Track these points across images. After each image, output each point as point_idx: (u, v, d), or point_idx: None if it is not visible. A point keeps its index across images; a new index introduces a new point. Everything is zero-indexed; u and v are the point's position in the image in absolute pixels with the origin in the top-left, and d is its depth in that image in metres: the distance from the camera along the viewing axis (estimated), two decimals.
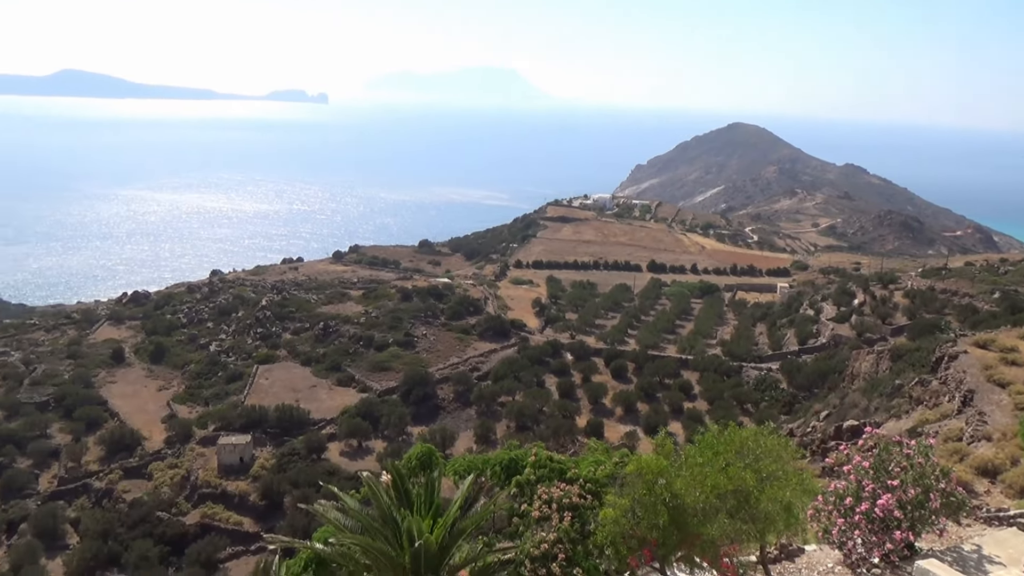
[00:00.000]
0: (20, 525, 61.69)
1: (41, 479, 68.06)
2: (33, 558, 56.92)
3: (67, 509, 63.41)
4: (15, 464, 68.92)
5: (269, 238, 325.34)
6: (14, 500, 64.76)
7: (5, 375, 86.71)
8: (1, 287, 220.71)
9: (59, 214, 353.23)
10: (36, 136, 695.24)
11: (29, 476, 67.75)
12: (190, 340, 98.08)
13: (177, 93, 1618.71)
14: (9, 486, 65.99)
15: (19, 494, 65.63)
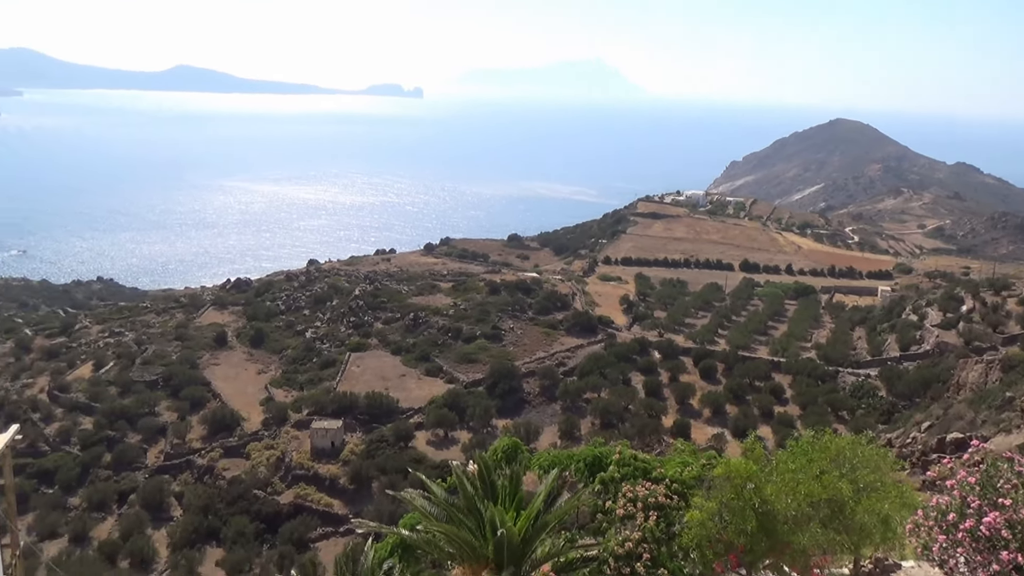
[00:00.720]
0: (130, 496, 65.61)
1: (149, 454, 72.08)
2: (141, 528, 60.46)
3: (172, 483, 67.00)
4: (126, 439, 73.27)
5: (363, 229, 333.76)
6: (125, 472, 68.92)
7: (119, 354, 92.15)
8: (117, 271, 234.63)
9: (170, 203, 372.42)
10: (151, 129, 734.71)
11: (139, 450, 71.88)
12: (287, 326, 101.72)
13: (282, 88, 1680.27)
14: (121, 459, 70.23)
15: (129, 467, 69.80)
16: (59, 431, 75.13)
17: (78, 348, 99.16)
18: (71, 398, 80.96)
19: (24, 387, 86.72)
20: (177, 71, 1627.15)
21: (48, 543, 60.04)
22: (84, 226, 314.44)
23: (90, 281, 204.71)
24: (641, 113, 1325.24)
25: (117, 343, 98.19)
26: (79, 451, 71.63)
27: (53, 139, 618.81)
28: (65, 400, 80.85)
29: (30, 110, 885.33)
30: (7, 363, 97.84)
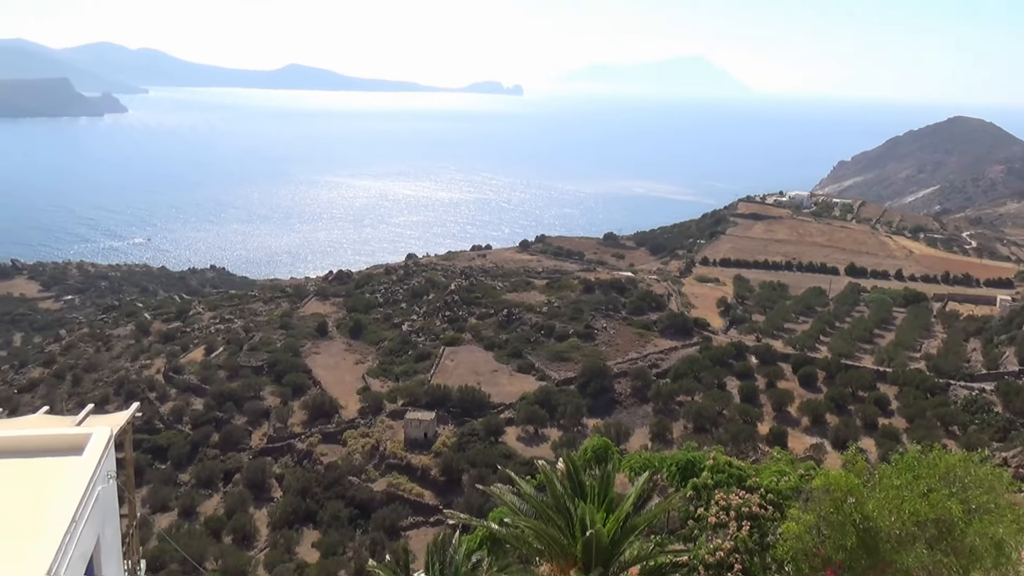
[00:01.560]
0: (235, 475, 68.93)
1: (253, 436, 75.43)
2: (244, 506, 63.47)
3: (273, 465, 69.96)
4: (233, 420, 76.93)
5: (460, 225, 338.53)
6: (231, 452, 72.42)
7: (229, 340, 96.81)
8: (229, 261, 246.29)
9: (278, 197, 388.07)
10: (262, 125, 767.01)
11: (244, 432, 75.35)
12: (385, 319, 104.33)
13: (385, 86, 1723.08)
14: (227, 439, 73.81)
15: (235, 447, 73.28)
16: (172, 410, 79.63)
17: (191, 333, 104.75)
18: (184, 380, 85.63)
19: (142, 367, 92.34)
20: (288, 70, 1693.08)
21: (160, 515, 63.85)
22: (200, 217, 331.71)
23: (204, 269, 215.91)
24: (743, 111, 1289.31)
25: (227, 329, 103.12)
26: (190, 430, 75.74)
27: (173, 134, 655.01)
28: (179, 381, 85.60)
29: (154, 106, 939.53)
30: (128, 345, 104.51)
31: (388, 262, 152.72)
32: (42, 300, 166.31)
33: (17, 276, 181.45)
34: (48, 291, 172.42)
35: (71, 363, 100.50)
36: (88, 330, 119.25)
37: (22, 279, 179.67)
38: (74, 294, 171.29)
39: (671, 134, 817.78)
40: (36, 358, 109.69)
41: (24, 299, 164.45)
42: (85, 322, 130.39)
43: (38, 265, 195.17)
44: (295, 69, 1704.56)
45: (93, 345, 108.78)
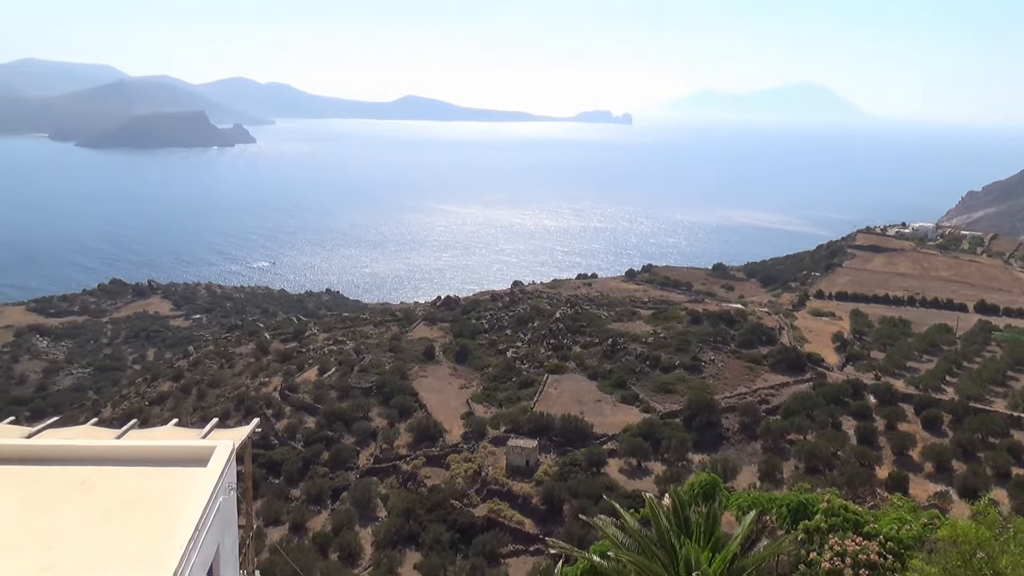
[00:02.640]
0: (342, 493, 70.90)
1: (361, 455, 77.45)
2: (350, 524, 65.11)
3: (379, 485, 71.49)
4: (342, 439, 79.32)
5: (566, 253, 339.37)
6: (339, 471, 74.59)
7: (341, 361, 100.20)
8: (343, 285, 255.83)
9: (391, 223, 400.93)
10: (379, 154, 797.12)
11: (352, 451, 77.49)
12: (490, 345, 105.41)
13: (497, 116, 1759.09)
14: (336, 458, 76.11)
15: (343, 466, 75.43)
16: (287, 427, 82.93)
17: (307, 353, 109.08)
18: (298, 398, 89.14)
19: (261, 385, 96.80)
20: (405, 101, 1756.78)
21: (272, 528, 66.35)
22: (317, 242, 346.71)
23: (320, 292, 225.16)
24: (861, 138, 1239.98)
25: (339, 351, 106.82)
26: (302, 447, 78.57)
27: (295, 163, 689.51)
28: (293, 399, 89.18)
29: (279, 137, 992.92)
30: (248, 362, 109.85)
31: (494, 289, 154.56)
32: (173, 318, 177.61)
33: (152, 295, 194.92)
34: (179, 310, 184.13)
35: (197, 378, 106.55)
36: (213, 348, 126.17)
37: (157, 298, 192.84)
38: (202, 313, 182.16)
39: (783, 162, 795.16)
40: (166, 372, 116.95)
41: (158, 316, 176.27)
42: (211, 340, 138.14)
43: (171, 285, 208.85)
44: (411, 100, 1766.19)
45: (217, 362, 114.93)
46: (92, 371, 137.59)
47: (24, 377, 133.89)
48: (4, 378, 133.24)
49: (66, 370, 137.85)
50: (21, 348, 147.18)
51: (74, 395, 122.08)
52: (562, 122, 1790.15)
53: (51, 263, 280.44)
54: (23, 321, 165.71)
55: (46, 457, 13.45)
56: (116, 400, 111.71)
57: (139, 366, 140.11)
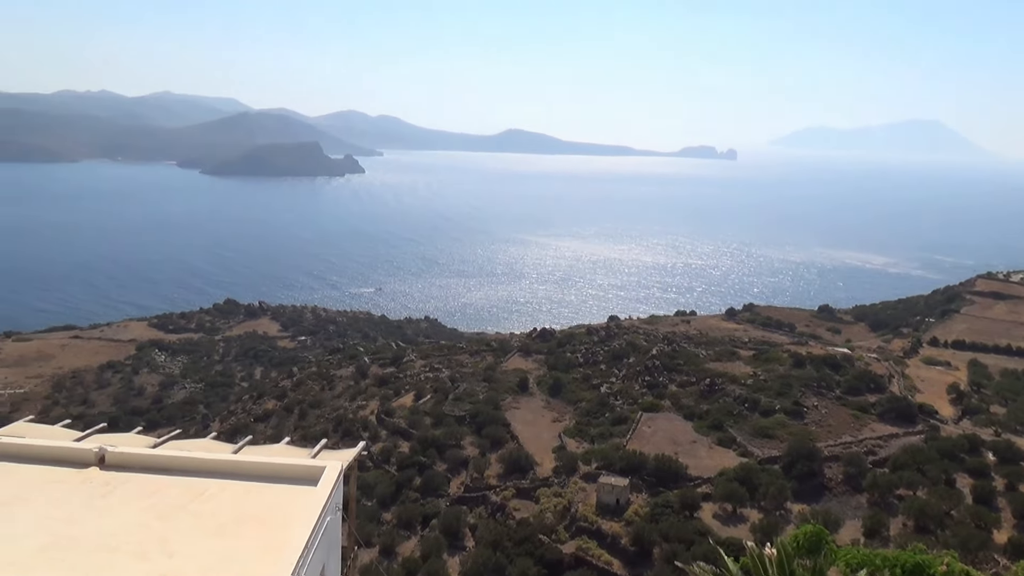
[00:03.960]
0: (432, 520, 71.57)
1: (452, 483, 78.12)
2: (438, 551, 65.55)
3: (468, 515, 71.80)
4: (434, 466, 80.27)
5: (664, 289, 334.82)
6: (430, 497, 75.42)
7: (436, 388, 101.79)
8: (441, 313, 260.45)
9: (490, 253, 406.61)
10: (481, 186, 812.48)
11: (443, 479, 78.27)
12: (584, 379, 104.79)
13: (599, 150, 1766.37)
14: (428, 484, 77.03)
15: (435, 493, 76.24)
16: (382, 451, 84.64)
17: (404, 379, 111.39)
18: (394, 422, 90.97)
19: (359, 408, 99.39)
20: (508, 135, 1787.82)
21: (362, 550, 67.58)
22: (418, 271, 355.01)
23: (419, 320, 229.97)
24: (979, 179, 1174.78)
25: (435, 378, 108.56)
26: (396, 471, 79.96)
27: (400, 193, 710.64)
28: (389, 424, 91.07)
29: (387, 168, 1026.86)
30: (348, 385, 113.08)
31: (590, 322, 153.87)
32: (280, 339, 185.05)
33: (262, 316, 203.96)
34: (286, 331, 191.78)
35: (299, 398, 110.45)
36: (316, 369, 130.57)
37: (266, 319, 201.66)
38: (307, 335, 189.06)
39: (894, 202, 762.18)
40: (271, 391, 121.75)
41: (266, 337, 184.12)
42: (314, 362, 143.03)
43: (280, 307, 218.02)
44: (514, 134, 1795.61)
45: (319, 383, 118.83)
46: (203, 386, 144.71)
47: (142, 389, 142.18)
48: (125, 389, 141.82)
49: (180, 384, 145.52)
50: (142, 361, 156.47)
51: (186, 408, 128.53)
52: (664, 157, 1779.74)
53: (167, 282, 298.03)
54: (145, 336, 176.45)
55: (169, 467, 14.33)
56: (224, 415, 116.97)
57: (246, 383, 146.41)
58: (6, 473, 14.71)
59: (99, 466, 14.78)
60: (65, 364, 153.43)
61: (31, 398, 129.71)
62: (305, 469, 12.66)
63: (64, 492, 13.81)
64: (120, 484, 13.92)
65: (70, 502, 13.37)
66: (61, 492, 13.82)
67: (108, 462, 14.76)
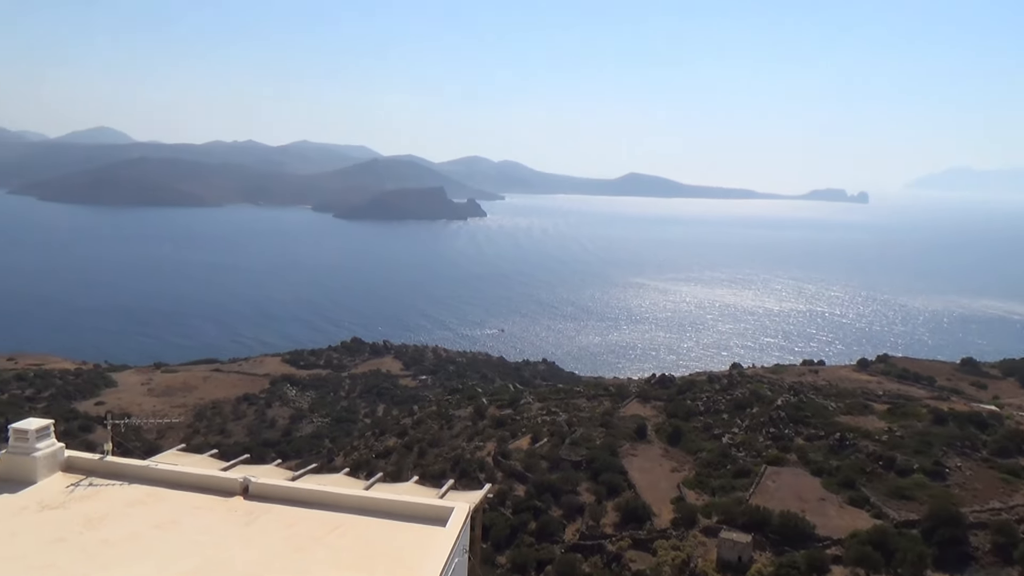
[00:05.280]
0: (546, 567, 71.04)
1: (567, 530, 77.38)
2: None
3: (583, 563, 70.77)
4: (550, 511, 79.85)
5: (789, 337, 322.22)
6: (545, 543, 74.94)
7: (552, 432, 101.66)
8: (558, 355, 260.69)
9: (606, 298, 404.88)
10: (599, 230, 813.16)
11: (558, 524, 77.67)
12: (705, 428, 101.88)
13: (721, 193, 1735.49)
14: (543, 529, 76.65)
15: (549, 538, 75.73)
16: (497, 493, 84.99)
17: (520, 421, 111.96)
18: (510, 465, 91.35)
19: (476, 448, 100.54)
20: (628, 178, 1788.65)
21: None
22: (536, 313, 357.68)
23: (536, 362, 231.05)
24: None
25: (552, 421, 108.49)
26: (511, 514, 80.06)
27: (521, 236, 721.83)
28: (505, 466, 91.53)
29: (508, 211, 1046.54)
30: (466, 425, 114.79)
31: (711, 370, 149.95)
32: (402, 377, 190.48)
33: (386, 355, 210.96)
34: (408, 370, 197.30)
35: (419, 437, 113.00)
36: (435, 408, 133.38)
37: (389, 357, 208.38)
38: (428, 375, 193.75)
39: None
40: (392, 428, 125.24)
41: (389, 375, 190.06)
42: (433, 401, 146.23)
43: (403, 346, 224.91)
44: (634, 178, 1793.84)
45: (438, 422, 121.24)
46: (330, 421, 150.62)
47: (274, 421, 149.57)
48: (258, 420, 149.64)
49: (308, 418, 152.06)
50: (274, 395, 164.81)
51: (313, 442, 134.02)
52: (790, 200, 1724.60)
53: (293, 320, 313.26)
54: (278, 371, 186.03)
55: (307, 500, 15.32)
56: (347, 450, 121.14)
57: (369, 419, 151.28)
58: (162, 498, 16.16)
59: (243, 495, 15.99)
60: (206, 395, 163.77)
61: (176, 426, 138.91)
62: (434, 509, 13.26)
63: (212, 519, 15.02)
64: (262, 514, 15.01)
65: (218, 528, 14.54)
66: (209, 518, 15.04)
67: (251, 492, 15.94)
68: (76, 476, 17.14)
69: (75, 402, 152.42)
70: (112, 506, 15.34)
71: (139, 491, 16.12)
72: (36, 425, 17.18)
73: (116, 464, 17.36)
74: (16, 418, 19.21)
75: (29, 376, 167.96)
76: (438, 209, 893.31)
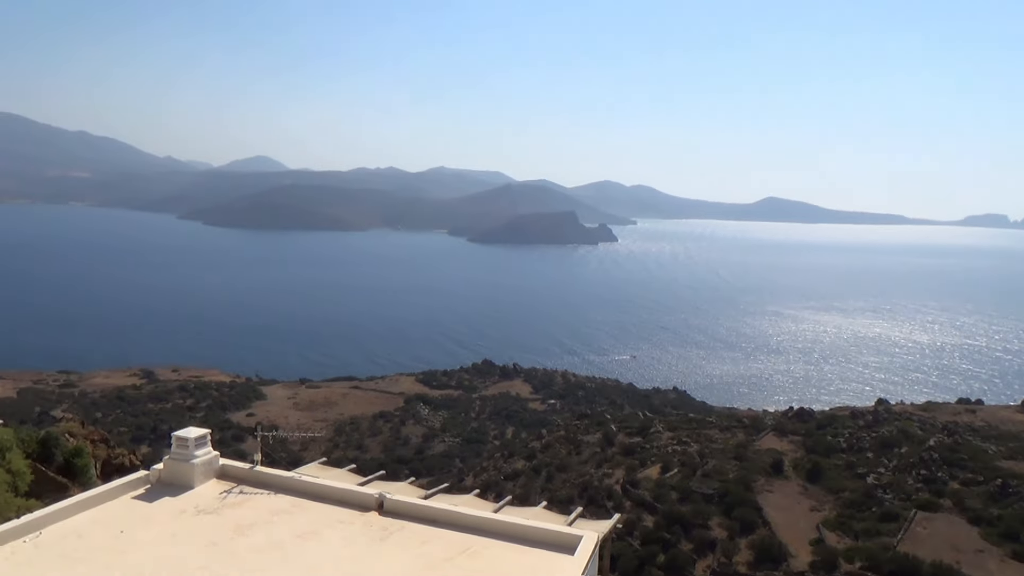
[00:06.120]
0: None
1: (698, 565, 74.89)
2: None
3: None
4: (679, 544, 77.63)
5: (942, 373, 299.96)
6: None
7: (683, 462, 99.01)
8: (689, 384, 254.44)
9: (740, 326, 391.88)
10: (734, 256, 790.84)
11: (688, 559, 75.30)
12: (847, 467, 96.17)
13: (868, 219, 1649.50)
14: (672, 563, 74.50)
15: (678, 573, 73.43)
16: (625, 522, 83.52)
17: (650, 449, 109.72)
18: (639, 494, 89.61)
19: (604, 476, 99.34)
20: (766, 203, 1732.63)
21: None
22: (667, 340, 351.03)
23: (667, 390, 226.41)
24: None
25: (683, 451, 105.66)
26: (639, 545, 78.41)
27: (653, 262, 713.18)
28: (634, 495, 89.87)
29: (640, 236, 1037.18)
30: (594, 452, 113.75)
31: (853, 405, 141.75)
32: (531, 401, 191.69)
33: (516, 377, 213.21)
34: (537, 393, 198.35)
35: (547, 461, 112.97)
36: (564, 433, 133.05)
37: (519, 380, 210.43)
38: (556, 399, 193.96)
39: None
40: (520, 451, 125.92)
41: (518, 398, 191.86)
42: (562, 425, 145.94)
43: (532, 370, 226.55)
44: (772, 202, 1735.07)
45: (566, 447, 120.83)
46: (460, 441, 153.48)
47: (407, 439, 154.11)
48: (393, 438, 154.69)
49: (439, 437, 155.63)
50: (408, 413, 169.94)
51: (443, 461, 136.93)
52: (944, 226, 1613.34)
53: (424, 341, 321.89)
54: (412, 390, 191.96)
55: (438, 519, 15.72)
56: (477, 471, 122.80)
57: (498, 442, 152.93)
58: (305, 509, 17.04)
59: (378, 511, 16.60)
60: (345, 411, 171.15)
61: (317, 440, 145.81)
62: (563, 536, 13.26)
63: (350, 532, 15.68)
64: (396, 530, 15.52)
65: (355, 542, 15.16)
66: (347, 532, 15.70)
67: (386, 508, 16.52)
68: (228, 483, 18.38)
69: (229, 413, 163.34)
70: (260, 514, 16.33)
71: (284, 501, 17.09)
72: (195, 434, 18.59)
73: (265, 474, 18.49)
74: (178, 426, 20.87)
75: (190, 387, 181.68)
76: (570, 234, 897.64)
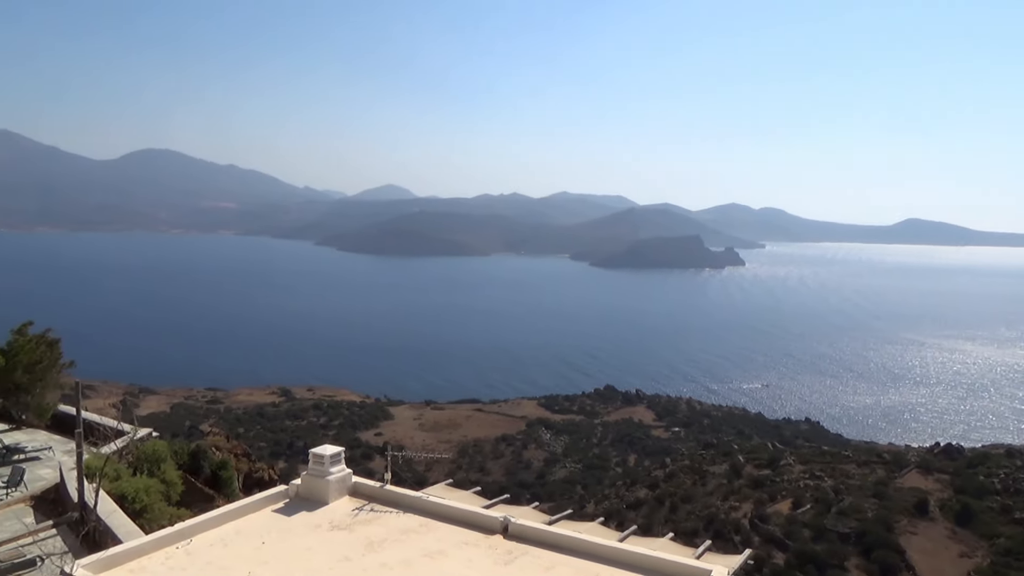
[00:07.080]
0: None
1: None
2: None
3: None
4: None
5: None
6: None
7: (816, 498, 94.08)
8: (822, 416, 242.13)
9: (879, 355, 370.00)
10: (872, 280, 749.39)
11: None
12: (1003, 510, 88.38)
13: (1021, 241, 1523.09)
14: None
15: None
16: (755, 558, 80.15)
17: (780, 483, 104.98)
18: (768, 530, 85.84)
19: (731, 508, 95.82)
20: (907, 224, 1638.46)
21: None
22: (798, 369, 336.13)
23: (798, 421, 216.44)
24: None
25: (816, 487, 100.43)
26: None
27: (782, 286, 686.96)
28: (763, 530, 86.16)
29: (769, 260, 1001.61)
30: (720, 483, 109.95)
31: (1011, 443, 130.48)
32: (654, 428, 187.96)
33: (638, 404, 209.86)
34: (660, 421, 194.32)
35: (671, 491, 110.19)
36: (688, 463, 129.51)
37: (642, 407, 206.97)
38: (680, 427, 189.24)
39: None
40: (643, 479, 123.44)
41: (641, 425, 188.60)
42: (686, 454, 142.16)
43: (655, 397, 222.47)
44: (913, 223, 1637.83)
45: (691, 477, 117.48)
46: (581, 467, 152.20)
47: (529, 463, 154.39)
48: (515, 461, 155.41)
49: (561, 463, 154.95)
50: (530, 437, 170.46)
51: (565, 487, 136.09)
52: None
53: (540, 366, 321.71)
54: (534, 414, 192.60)
55: (562, 546, 15.68)
56: (599, 498, 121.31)
57: (620, 469, 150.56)
58: (432, 529, 17.43)
59: (503, 534, 16.74)
60: (469, 433, 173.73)
61: (441, 461, 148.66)
62: (691, 570, 12.93)
63: (475, 554, 15.89)
64: (520, 554, 15.61)
65: (479, 564, 15.35)
66: (473, 553, 15.93)
67: (511, 532, 16.65)
68: (360, 500, 19.10)
69: (359, 431, 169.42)
70: (389, 532, 16.86)
71: (413, 520, 17.57)
72: (331, 451, 19.46)
73: (394, 493, 19.09)
74: (313, 443, 21.89)
75: (323, 406, 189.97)
76: (694, 258, 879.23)
